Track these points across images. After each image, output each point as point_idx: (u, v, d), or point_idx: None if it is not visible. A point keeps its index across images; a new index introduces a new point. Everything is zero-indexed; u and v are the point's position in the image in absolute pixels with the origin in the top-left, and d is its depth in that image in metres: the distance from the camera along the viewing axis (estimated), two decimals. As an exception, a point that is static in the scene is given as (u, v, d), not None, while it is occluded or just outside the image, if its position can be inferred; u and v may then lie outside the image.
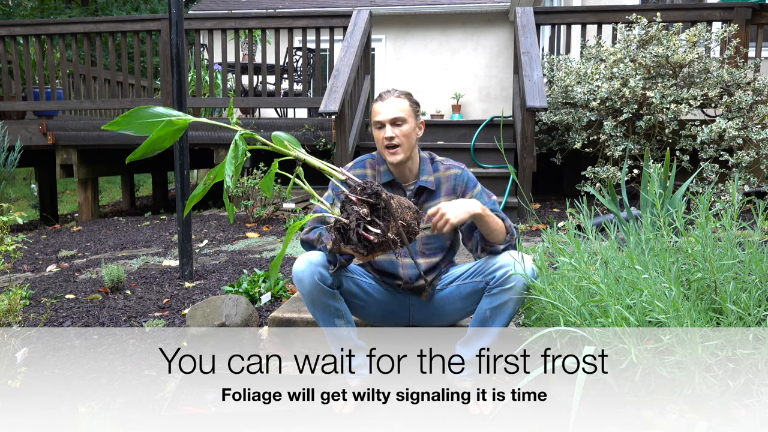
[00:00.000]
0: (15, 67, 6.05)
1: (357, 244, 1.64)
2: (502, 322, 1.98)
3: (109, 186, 12.67)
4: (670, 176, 3.06)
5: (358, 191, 1.66)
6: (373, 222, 1.63)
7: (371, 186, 1.66)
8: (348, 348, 2.06)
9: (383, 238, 1.62)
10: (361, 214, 1.62)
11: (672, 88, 4.33)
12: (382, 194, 1.65)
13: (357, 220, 1.62)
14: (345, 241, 1.66)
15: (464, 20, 10.81)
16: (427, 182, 2.06)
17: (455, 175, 2.10)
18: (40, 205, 7.53)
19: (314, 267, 1.92)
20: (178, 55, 3.12)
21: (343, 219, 1.64)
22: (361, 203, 1.64)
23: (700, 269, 1.86)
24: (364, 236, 1.62)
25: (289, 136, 1.68)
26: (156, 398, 2.01)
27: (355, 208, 1.63)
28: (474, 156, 5.12)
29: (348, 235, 1.64)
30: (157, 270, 3.49)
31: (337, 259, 1.96)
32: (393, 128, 1.98)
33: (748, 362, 1.62)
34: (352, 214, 1.63)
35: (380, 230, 1.62)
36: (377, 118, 2.01)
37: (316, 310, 2.00)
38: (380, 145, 2.03)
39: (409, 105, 2.03)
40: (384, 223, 1.63)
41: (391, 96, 2.02)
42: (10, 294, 1.97)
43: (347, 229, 1.64)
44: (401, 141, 1.99)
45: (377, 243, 1.63)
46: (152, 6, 17.69)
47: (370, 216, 1.63)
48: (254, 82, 6.09)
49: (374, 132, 2.04)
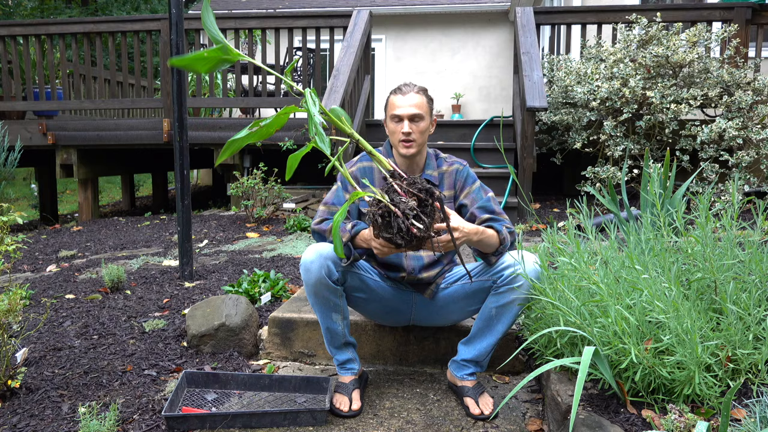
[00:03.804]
0: (15, 67, 6.05)
1: (396, 234, 1.64)
2: (508, 321, 1.99)
3: (109, 186, 12.67)
4: (670, 176, 3.06)
5: (405, 183, 1.67)
6: (418, 216, 1.64)
7: (422, 182, 1.68)
8: (340, 344, 2.07)
9: (426, 233, 1.64)
10: (411, 206, 1.63)
11: (672, 88, 4.33)
12: (435, 192, 1.67)
13: (407, 210, 1.63)
14: (386, 229, 1.66)
15: (464, 20, 10.81)
16: (432, 176, 2.09)
17: (456, 170, 2.12)
18: (40, 205, 7.53)
19: (323, 260, 1.92)
20: (178, 55, 3.12)
21: (391, 205, 1.64)
22: (411, 195, 1.65)
23: (700, 269, 1.86)
24: (408, 227, 1.63)
25: (344, 113, 1.65)
26: (156, 398, 2.01)
27: (403, 200, 1.64)
28: (474, 156, 5.12)
29: (391, 225, 1.64)
30: (157, 270, 3.49)
31: (351, 252, 1.97)
32: (411, 124, 2.01)
33: (748, 362, 1.63)
34: (400, 204, 1.64)
35: (424, 225, 1.64)
36: (396, 111, 2.02)
37: (316, 301, 2.00)
38: (394, 137, 2.05)
39: (426, 102, 2.05)
40: (429, 219, 1.65)
41: (411, 91, 2.03)
42: (10, 294, 1.97)
43: (393, 217, 1.64)
44: (416, 137, 2.02)
45: (418, 237, 1.64)
46: (152, 6, 17.69)
47: (418, 209, 1.64)
48: (254, 82, 6.09)
49: (388, 123, 2.06)
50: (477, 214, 2.03)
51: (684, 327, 1.57)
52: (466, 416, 1.98)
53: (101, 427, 1.74)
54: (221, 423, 1.88)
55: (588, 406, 1.66)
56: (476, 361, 2.06)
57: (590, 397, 1.70)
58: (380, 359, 2.37)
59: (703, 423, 1.31)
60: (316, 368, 2.40)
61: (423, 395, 2.14)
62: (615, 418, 1.58)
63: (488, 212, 2.03)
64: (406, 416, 1.98)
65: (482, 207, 2.04)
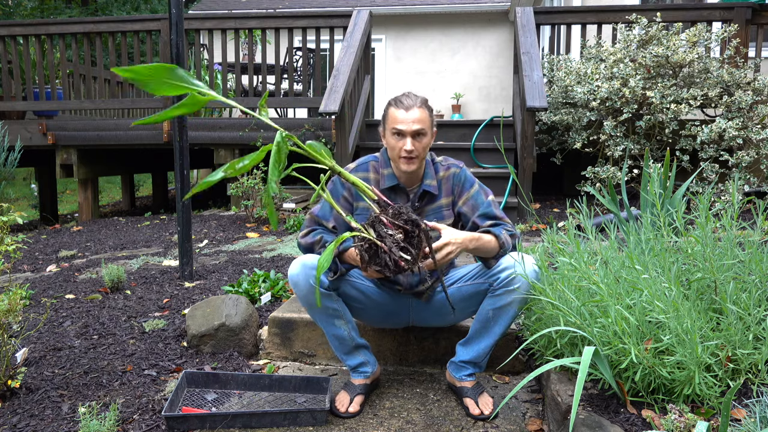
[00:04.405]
0: (15, 67, 6.05)
1: (386, 267, 1.67)
2: (505, 323, 1.98)
3: (109, 186, 12.67)
4: (670, 176, 3.06)
5: (390, 214, 1.68)
6: (405, 249, 1.66)
7: (408, 213, 1.69)
8: (350, 348, 2.06)
9: (413, 264, 1.67)
10: (396, 239, 1.66)
11: (672, 88, 4.33)
12: (420, 224, 1.69)
13: (393, 244, 1.65)
14: (374, 261, 1.69)
15: (464, 20, 10.81)
16: (431, 186, 2.05)
17: (454, 174, 2.08)
18: (40, 205, 7.53)
19: (310, 270, 1.91)
20: (178, 55, 3.12)
21: (377, 240, 1.66)
22: (396, 228, 1.67)
23: (700, 269, 1.86)
24: (396, 261, 1.65)
25: (320, 145, 1.68)
26: (156, 398, 2.01)
27: (390, 232, 1.66)
28: (474, 156, 5.12)
29: (378, 257, 1.67)
30: (157, 270, 3.49)
31: (338, 266, 1.96)
32: (414, 141, 1.95)
33: (748, 362, 1.63)
34: (387, 238, 1.66)
35: (411, 257, 1.66)
36: (399, 126, 1.95)
37: (314, 312, 2.00)
38: (395, 152, 1.98)
39: (428, 116, 1.99)
40: (416, 250, 1.68)
41: (414, 105, 1.96)
42: (10, 294, 1.97)
43: (380, 250, 1.67)
44: (419, 153, 1.97)
45: (405, 269, 1.67)
46: (152, 6, 17.69)
47: (404, 242, 1.67)
48: (254, 82, 6.09)
49: (389, 137, 1.99)
50: (479, 223, 2.01)
51: (684, 327, 1.57)
52: (466, 416, 1.98)
53: (101, 427, 1.74)
54: (221, 423, 1.88)
55: (588, 406, 1.66)
56: (474, 362, 2.06)
57: (590, 397, 1.70)
58: (380, 359, 2.37)
59: (703, 423, 1.31)
60: (316, 368, 2.40)
61: (423, 395, 2.14)
62: (615, 418, 1.58)
63: (489, 218, 2.01)
64: (406, 416, 1.98)
65: (483, 215, 2.02)
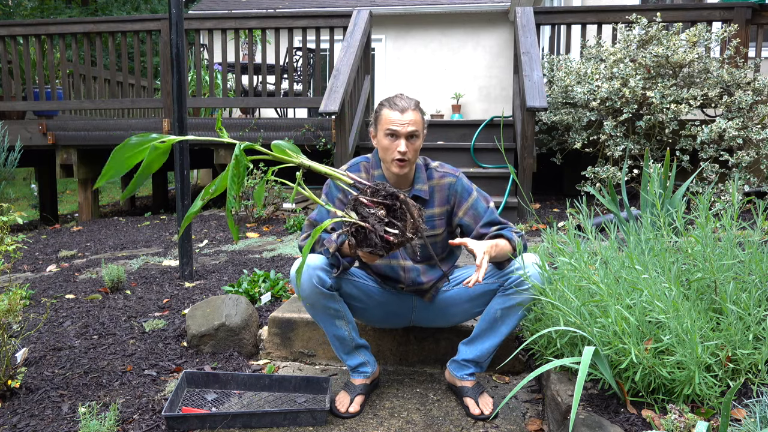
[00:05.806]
0: (15, 67, 6.05)
1: (376, 246, 1.65)
2: (512, 323, 1.98)
3: (109, 186, 12.66)
4: (670, 176, 3.06)
5: (368, 193, 1.67)
6: (391, 223, 1.65)
7: (385, 188, 1.68)
8: (350, 348, 2.07)
9: (402, 237, 1.65)
10: (379, 216, 1.64)
11: (672, 88, 4.33)
12: (399, 195, 1.67)
13: (377, 222, 1.63)
14: (364, 244, 1.67)
15: (464, 20, 10.81)
16: (421, 191, 2.03)
17: (449, 184, 2.05)
18: (40, 205, 7.53)
19: (311, 270, 1.91)
20: (178, 55, 3.12)
21: (361, 222, 1.64)
22: (377, 205, 1.65)
23: (700, 269, 1.86)
24: (384, 237, 1.63)
25: (289, 144, 1.68)
26: (156, 398, 2.01)
27: (371, 211, 1.64)
28: (474, 156, 5.12)
29: (367, 238, 1.65)
30: (157, 270, 3.49)
31: (340, 261, 1.95)
32: (407, 143, 1.95)
33: (748, 362, 1.63)
34: (369, 217, 1.64)
35: (398, 230, 1.65)
36: (393, 128, 1.94)
37: (315, 312, 2.00)
38: (387, 154, 1.97)
39: (422, 119, 1.99)
40: (401, 223, 1.65)
41: (408, 108, 1.96)
42: (10, 294, 1.97)
43: (366, 231, 1.65)
44: (411, 156, 1.96)
45: (396, 243, 1.65)
46: (152, 6, 17.69)
47: (388, 217, 1.65)
48: (254, 82, 6.09)
49: (382, 138, 1.98)
50: (484, 231, 2.00)
51: (684, 327, 1.57)
52: (466, 416, 1.98)
53: (101, 427, 1.74)
54: (221, 423, 1.88)
55: (588, 406, 1.66)
56: (477, 361, 2.05)
57: (590, 397, 1.70)
58: (380, 359, 2.37)
59: (703, 423, 1.31)
60: (316, 368, 2.40)
61: (423, 395, 2.14)
62: (615, 418, 1.58)
63: (494, 225, 2.01)
64: (406, 416, 1.98)
65: (488, 223, 2.01)
